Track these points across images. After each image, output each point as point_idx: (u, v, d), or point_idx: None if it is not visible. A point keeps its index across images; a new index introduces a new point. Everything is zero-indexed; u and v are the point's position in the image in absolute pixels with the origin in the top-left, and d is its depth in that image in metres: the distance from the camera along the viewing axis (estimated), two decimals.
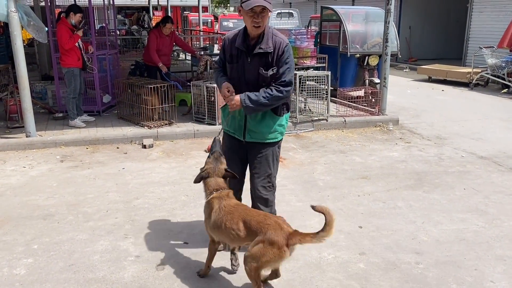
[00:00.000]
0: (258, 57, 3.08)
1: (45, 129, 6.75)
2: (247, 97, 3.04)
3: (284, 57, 3.07)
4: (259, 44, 3.06)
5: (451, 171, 5.36)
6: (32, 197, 4.57)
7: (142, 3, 25.13)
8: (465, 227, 3.93)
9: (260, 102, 3.04)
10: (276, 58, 3.07)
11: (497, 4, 13.98)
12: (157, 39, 7.77)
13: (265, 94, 3.05)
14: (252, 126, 3.22)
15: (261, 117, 3.20)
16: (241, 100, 3.04)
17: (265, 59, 3.08)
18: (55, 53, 7.32)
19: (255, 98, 3.04)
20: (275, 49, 3.06)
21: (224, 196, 3.01)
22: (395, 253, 3.51)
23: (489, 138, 6.84)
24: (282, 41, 3.08)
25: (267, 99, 3.04)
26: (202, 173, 3.09)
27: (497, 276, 3.20)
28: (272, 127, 3.23)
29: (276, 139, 3.29)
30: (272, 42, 3.07)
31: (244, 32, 3.14)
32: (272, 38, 3.08)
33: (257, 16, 2.95)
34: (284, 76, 3.07)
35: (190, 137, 6.72)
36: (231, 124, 3.35)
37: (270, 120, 3.21)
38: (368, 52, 8.96)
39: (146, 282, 3.14)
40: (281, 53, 3.06)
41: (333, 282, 3.14)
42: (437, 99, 10.29)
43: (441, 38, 18.22)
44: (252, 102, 3.03)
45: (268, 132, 3.23)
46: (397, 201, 4.50)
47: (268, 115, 3.20)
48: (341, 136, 6.93)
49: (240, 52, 3.13)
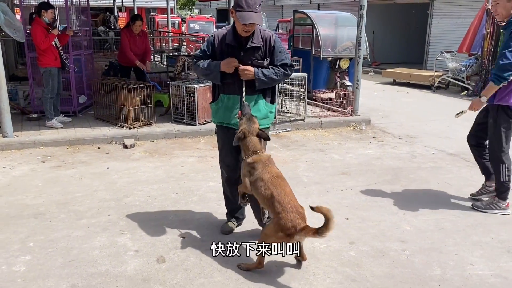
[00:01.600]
0: (251, 50, 3.40)
1: (21, 130, 6.62)
2: (261, 71, 3.35)
3: (277, 47, 3.43)
4: (250, 39, 3.37)
5: (424, 167, 5.70)
6: (19, 197, 4.52)
7: (106, 4, 24.73)
8: (443, 217, 4.23)
9: (271, 77, 3.37)
10: (268, 50, 3.42)
11: (456, 11, 14.76)
12: (127, 38, 7.77)
13: (274, 71, 3.40)
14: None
15: (256, 104, 3.47)
16: (255, 72, 3.33)
17: (257, 52, 3.41)
18: (29, 53, 7.20)
19: (267, 73, 3.37)
20: (266, 42, 3.42)
21: (266, 161, 3.22)
22: (382, 242, 3.74)
23: (455, 136, 7.28)
24: (270, 34, 3.46)
25: (277, 75, 3.40)
26: (239, 134, 3.25)
27: (475, 260, 3.49)
28: (265, 113, 3.53)
29: (267, 125, 3.60)
30: (261, 37, 3.40)
31: (233, 30, 3.40)
32: (261, 34, 3.43)
33: (248, 25, 3.26)
34: (285, 60, 3.45)
35: (171, 137, 6.78)
36: (224, 115, 3.54)
37: (264, 106, 3.51)
38: (339, 56, 9.29)
39: (149, 274, 3.23)
40: (273, 44, 3.42)
41: (329, 269, 3.33)
42: (402, 101, 10.77)
43: (402, 43, 18.98)
44: (265, 76, 3.35)
45: (261, 118, 3.48)
46: (378, 194, 4.76)
47: (262, 102, 3.49)
48: (318, 136, 7.18)
49: (232, 48, 3.38)
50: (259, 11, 3.23)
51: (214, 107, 3.61)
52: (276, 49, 3.42)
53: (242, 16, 3.19)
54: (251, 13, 3.18)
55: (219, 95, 3.55)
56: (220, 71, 3.38)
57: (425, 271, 3.32)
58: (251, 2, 3.18)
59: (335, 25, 10.19)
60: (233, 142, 3.30)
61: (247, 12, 3.18)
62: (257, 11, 3.21)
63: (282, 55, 3.45)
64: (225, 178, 3.80)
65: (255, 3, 3.19)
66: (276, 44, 3.42)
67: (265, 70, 3.37)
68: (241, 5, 3.20)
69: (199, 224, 4.00)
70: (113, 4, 23.12)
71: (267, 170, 3.18)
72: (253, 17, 3.18)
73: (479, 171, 4.65)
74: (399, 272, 3.30)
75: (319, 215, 2.95)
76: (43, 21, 6.58)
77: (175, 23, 21.45)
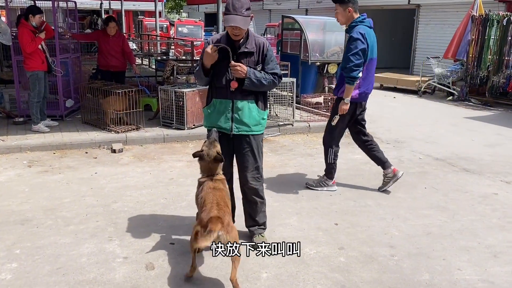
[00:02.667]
0: (243, 55, 3.42)
1: (6, 134, 6.52)
2: (253, 72, 3.36)
3: (268, 55, 3.47)
4: (243, 44, 3.39)
5: (412, 171, 5.76)
6: (5, 203, 4.45)
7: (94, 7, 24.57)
8: (430, 222, 4.28)
9: (261, 81, 3.39)
10: (260, 56, 3.45)
11: (441, 17, 14.99)
12: (101, 40, 7.75)
13: (265, 76, 3.42)
14: (240, 118, 3.45)
15: (248, 110, 3.46)
16: (248, 70, 3.33)
17: (250, 58, 3.42)
18: (16, 56, 7.11)
19: (259, 75, 3.39)
20: (258, 48, 3.45)
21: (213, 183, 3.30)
22: (371, 247, 3.77)
23: (442, 141, 7.37)
24: (263, 41, 3.50)
25: (266, 81, 3.42)
26: (199, 153, 3.34)
27: (463, 265, 3.53)
28: (257, 119, 3.52)
29: (260, 131, 3.60)
30: (255, 43, 3.43)
31: (227, 35, 3.43)
32: (254, 39, 3.46)
33: (235, 28, 3.29)
34: (276, 69, 3.50)
35: (160, 142, 6.74)
36: (216, 119, 3.53)
37: (256, 112, 3.50)
38: (327, 61, 9.36)
39: (138, 281, 3.20)
40: (266, 52, 3.45)
41: (318, 275, 3.34)
42: (390, 105, 10.88)
43: (389, 49, 19.17)
44: (256, 78, 3.36)
45: (254, 124, 3.50)
46: (366, 199, 4.80)
47: (254, 108, 3.49)
48: (306, 140, 7.21)
49: (226, 52, 3.36)
50: (246, 14, 3.24)
51: (206, 111, 3.61)
52: (268, 57, 3.45)
53: (227, 19, 3.24)
54: (236, 16, 3.20)
55: (212, 99, 3.55)
56: (203, 66, 3.39)
57: (413, 276, 3.35)
58: (237, 5, 3.21)
59: (323, 30, 10.27)
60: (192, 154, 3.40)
61: (232, 15, 3.21)
62: (243, 15, 3.23)
63: (273, 64, 3.48)
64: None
65: (242, 6, 3.22)
66: (268, 52, 3.45)
67: (257, 72, 3.39)
68: (228, 8, 3.25)
69: (188, 230, 3.95)
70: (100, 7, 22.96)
71: (208, 185, 3.28)
72: (236, 20, 3.21)
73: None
74: (388, 278, 3.33)
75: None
76: (30, 24, 6.51)
77: (164, 27, 21.37)
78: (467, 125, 8.74)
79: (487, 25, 10.93)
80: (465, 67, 11.51)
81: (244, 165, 3.58)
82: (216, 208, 3.07)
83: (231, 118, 3.48)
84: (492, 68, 11.01)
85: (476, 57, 11.20)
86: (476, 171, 5.81)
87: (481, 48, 11.09)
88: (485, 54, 11.01)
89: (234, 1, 3.22)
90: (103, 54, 7.84)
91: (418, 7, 15.91)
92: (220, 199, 3.18)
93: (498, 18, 10.76)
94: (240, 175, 3.65)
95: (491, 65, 11.05)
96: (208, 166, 3.34)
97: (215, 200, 3.15)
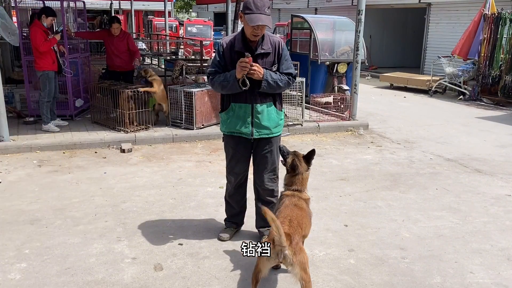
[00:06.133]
0: (260, 57, 3.34)
1: (17, 134, 6.57)
2: (269, 74, 3.29)
3: (283, 54, 3.40)
4: (260, 45, 3.32)
5: (423, 172, 5.69)
6: (15, 202, 4.47)
7: (104, 7, 24.69)
8: (442, 224, 4.22)
9: (277, 82, 3.32)
10: (276, 56, 3.38)
11: (453, 16, 14.82)
12: (106, 40, 7.78)
13: (281, 77, 3.35)
14: (260, 122, 3.40)
15: (267, 113, 3.42)
16: (265, 73, 3.26)
17: (266, 59, 3.36)
18: (26, 56, 7.14)
19: (275, 77, 3.32)
20: (274, 48, 3.38)
21: (293, 196, 3.14)
22: (382, 249, 3.72)
23: (453, 141, 7.28)
24: (279, 40, 3.42)
25: (282, 82, 3.35)
26: (298, 170, 3.21)
27: (475, 268, 3.47)
28: (276, 121, 3.48)
29: (279, 132, 3.56)
30: (270, 43, 3.36)
31: (242, 37, 3.34)
32: (270, 39, 3.38)
33: (257, 28, 3.20)
34: (290, 69, 3.43)
35: (169, 142, 6.74)
36: (235, 124, 3.46)
37: (275, 114, 3.46)
38: (337, 60, 9.28)
39: (147, 282, 3.19)
40: (281, 51, 3.39)
41: (328, 277, 3.30)
42: (400, 105, 10.78)
43: (399, 47, 19.05)
44: (273, 79, 3.30)
45: (274, 126, 3.46)
46: (376, 201, 4.74)
47: (272, 110, 3.44)
48: (316, 140, 7.16)
49: (241, 55, 3.27)
50: (268, 13, 3.17)
51: (224, 116, 3.51)
52: (283, 57, 3.39)
53: (251, 18, 3.14)
54: (260, 15, 3.12)
55: (230, 104, 3.46)
56: (237, 78, 3.26)
57: (425, 279, 3.30)
58: (259, 4, 3.14)
59: (333, 29, 10.20)
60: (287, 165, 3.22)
61: (256, 14, 3.13)
62: (266, 13, 3.16)
63: (288, 63, 3.42)
64: (233, 185, 3.70)
65: (264, 5, 3.15)
66: (283, 52, 3.39)
67: (273, 74, 3.33)
68: (250, 7, 3.15)
69: (197, 231, 3.96)
70: (110, 7, 23.06)
71: (291, 201, 3.09)
72: (262, 19, 3.13)
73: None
74: (398, 280, 3.28)
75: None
76: (42, 24, 6.55)
77: (173, 26, 21.41)
78: (478, 125, 8.62)
79: (500, 24, 10.78)
80: (476, 66, 11.37)
81: (263, 167, 3.52)
82: (287, 224, 2.81)
83: (251, 123, 3.40)
84: (504, 67, 10.86)
85: (488, 56, 11.06)
86: (488, 172, 5.72)
87: (493, 47, 10.95)
88: (497, 53, 10.87)
89: (256, 0, 3.15)
90: (108, 54, 7.92)
91: (429, 5, 15.74)
92: (295, 218, 2.91)
93: (511, 16, 10.61)
94: (256, 176, 3.58)
95: (503, 64, 10.90)
96: (293, 179, 3.19)
97: (289, 216, 2.91)
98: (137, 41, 15.94)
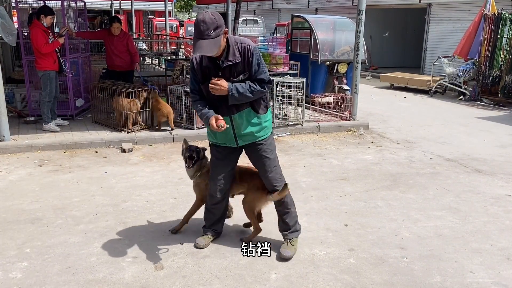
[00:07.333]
0: (228, 69, 3.20)
1: (17, 133, 6.58)
2: (235, 88, 3.16)
3: (254, 60, 3.21)
4: (227, 57, 3.16)
5: (423, 172, 5.69)
6: (15, 202, 4.48)
7: (104, 7, 24.70)
8: (442, 224, 4.22)
9: (245, 94, 3.19)
10: (246, 63, 3.21)
11: (453, 17, 14.82)
12: (106, 40, 7.78)
13: (250, 88, 3.20)
14: (242, 131, 3.36)
15: (246, 120, 3.34)
16: (229, 89, 3.15)
17: (236, 69, 3.21)
18: (26, 56, 7.15)
19: (242, 90, 3.18)
20: (244, 56, 3.19)
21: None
22: (382, 249, 3.73)
23: (453, 141, 7.29)
24: (247, 46, 3.20)
25: (251, 92, 3.21)
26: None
27: (475, 267, 3.48)
28: (259, 125, 3.39)
29: (267, 134, 3.47)
30: (238, 51, 3.18)
31: None
32: (237, 47, 3.19)
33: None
34: (262, 75, 3.25)
35: (169, 141, 6.75)
36: (219, 136, 3.42)
37: (255, 119, 3.36)
38: (337, 60, 9.29)
39: (147, 281, 3.20)
40: (250, 57, 3.19)
41: (328, 276, 3.31)
42: (400, 105, 10.79)
43: (399, 48, 19.04)
44: (239, 93, 3.17)
45: (257, 131, 3.39)
46: (376, 200, 4.75)
47: (251, 116, 3.34)
48: (316, 140, 7.17)
49: (209, 70, 3.22)
50: (213, 36, 2.97)
51: (208, 129, 3.43)
52: (253, 63, 3.20)
53: (194, 47, 2.99)
54: (201, 42, 2.96)
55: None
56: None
57: (425, 279, 3.31)
58: (203, 28, 2.95)
59: (333, 29, 10.20)
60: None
61: (199, 41, 2.97)
62: (210, 37, 2.96)
63: (259, 69, 3.23)
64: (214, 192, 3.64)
65: (208, 28, 2.95)
66: (253, 58, 3.19)
67: (239, 87, 3.17)
68: (194, 33, 3.00)
69: (197, 230, 3.95)
70: (110, 7, 23.08)
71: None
72: (202, 46, 2.97)
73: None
74: (399, 280, 3.29)
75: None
76: (42, 24, 6.55)
77: (173, 26, 21.42)
78: (478, 125, 8.63)
79: (500, 24, 10.78)
80: (477, 67, 11.37)
81: (263, 169, 3.48)
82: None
83: (234, 134, 3.37)
84: (504, 67, 10.86)
85: (488, 57, 11.06)
86: (488, 172, 5.73)
87: (493, 47, 10.94)
88: (498, 53, 10.86)
89: (200, 24, 2.96)
90: (108, 54, 7.92)
91: (429, 6, 15.74)
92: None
93: (511, 17, 10.61)
94: (264, 181, 3.54)
95: (503, 64, 10.90)
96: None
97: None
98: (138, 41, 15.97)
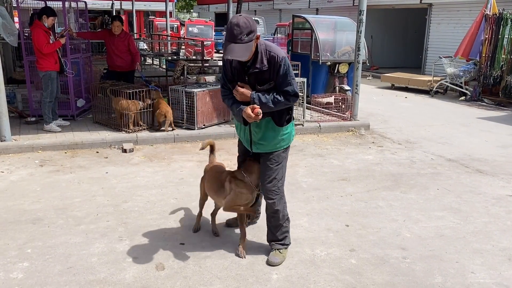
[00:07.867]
0: (254, 75, 3.17)
1: (19, 134, 6.59)
2: (258, 97, 3.13)
3: (281, 70, 3.12)
4: (254, 63, 3.13)
5: (424, 172, 5.69)
6: (17, 202, 4.49)
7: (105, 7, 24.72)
8: (443, 224, 4.22)
9: (268, 105, 3.14)
10: (273, 72, 3.14)
11: (454, 17, 14.81)
12: (107, 39, 7.77)
13: (274, 99, 3.14)
14: (257, 139, 3.34)
15: (264, 130, 3.29)
16: (252, 97, 3.14)
17: (262, 76, 3.17)
18: (27, 56, 7.16)
19: (264, 100, 3.13)
20: (271, 65, 3.13)
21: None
22: (383, 249, 3.72)
23: (454, 142, 7.28)
24: (276, 55, 3.13)
25: (274, 104, 3.15)
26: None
27: (476, 268, 3.48)
28: (276, 138, 3.32)
29: (282, 147, 3.38)
30: (266, 59, 3.12)
31: None
32: (266, 54, 3.13)
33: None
34: (287, 87, 3.15)
35: (170, 142, 6.75)
36: (241, 134, 3.49)
37: (273, 132, 3.30)
38: (338, 60, 9.29)
39: (148, 282, 3.20)
40: (278, 67, 3.12)
41: (329, 277, 3.31)
42: (401, 105, 10.78)
43: (400, 48, 19.03)
44: (261, 103, 3.13)
45: (273, 144, 3.33)
46: (377, 201, 4.75)
47: (270, 126, 3.29)
48: (317, 141, 7.17)
49: (238, 72, 3.22)
50: (246, 40, 2.94)
51: (236, 123, 3.51)
52: (280, 73, 3.12)
53: (224, 50, 2.98)
54: (232, 45, 2.94)
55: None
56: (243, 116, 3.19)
57: (426, 279, 3.30)
58: (235, 32, 2.92)
59: (334, 29, 10.20)
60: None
61: (231, 44, 2.94)
62: (243, 42, 2.93)
63: (285, 81, 3.14)
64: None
65: (241, 32, 2.92)
66: (280, 68, 3.11)
67: (262, 97, 3.13)
68: (226, 36, 2.99)
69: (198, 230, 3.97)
70: (111, 7, 23.09)
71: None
72: (234, 50, 2.94)
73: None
74: (400, 280, 3.28)
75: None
76: (43, 24, 6.56)
77: (174, 27, 21.43)
78: (480, 125, 8.62)
79: (501, 24, 10.78)
80: (478, 67, 11.36)
81: (262, 175, 3.42)
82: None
83: (250, 140, 3.38)
84: (505, 67, 10.85)
85: (490, 57, 11.05)
86: (489, 172, 5.72)
87: (494, 47, 10.93)
88: (499, 53, 10.85)
89: (233, 27, 2.93)
90: (109, 54, 7.88)
91: (430, 6, 15.73)
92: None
93: None
94: (261, 188, 3.50)
95: (504, 64, 10.89)
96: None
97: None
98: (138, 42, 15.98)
